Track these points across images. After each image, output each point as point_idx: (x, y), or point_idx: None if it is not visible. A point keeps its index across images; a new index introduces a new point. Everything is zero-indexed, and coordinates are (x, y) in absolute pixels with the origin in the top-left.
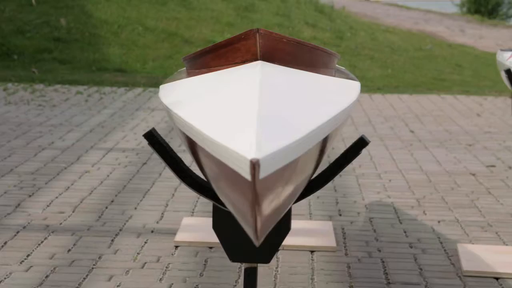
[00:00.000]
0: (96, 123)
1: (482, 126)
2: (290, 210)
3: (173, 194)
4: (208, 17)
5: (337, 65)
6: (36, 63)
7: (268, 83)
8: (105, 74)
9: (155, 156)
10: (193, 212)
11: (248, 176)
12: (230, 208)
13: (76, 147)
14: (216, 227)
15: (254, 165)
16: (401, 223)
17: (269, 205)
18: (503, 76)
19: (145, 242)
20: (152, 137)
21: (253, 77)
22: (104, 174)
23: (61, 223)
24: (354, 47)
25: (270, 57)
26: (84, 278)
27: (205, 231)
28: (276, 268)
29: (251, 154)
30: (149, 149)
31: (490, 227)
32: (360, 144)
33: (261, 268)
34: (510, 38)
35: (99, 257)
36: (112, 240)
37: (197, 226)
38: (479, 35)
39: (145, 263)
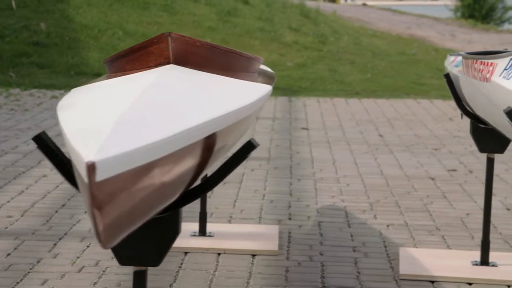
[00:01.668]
0: None
1: (452, 131)
2: (177, 213)
3: None
4: (189, 22)
5: (266, 69)
6: (14, 67)
7: (159, 86)
8: (83, 79)
9: None
10: None
11: (86, 179)
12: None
13: (39, 151)
14: None
15: (89, 168)
16: (349, 227)
17: (114, 210)
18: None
19: (87, 246)
20: (41, 140)
21: (146, 81)
22: (61, 179)
23: (6, 227)
24: (336, 52)
25: (182, 60)
26: (18, 282)
27: None
28: (214, 271)
29: (89, 156)
30: None
31: (437, 231)
32: (248, 147)
33: (198, 271)
34: (499, 43)
35: (38, 261)
36: (55, 244)
37: None
38: (468, 40)
39: (83, 267)
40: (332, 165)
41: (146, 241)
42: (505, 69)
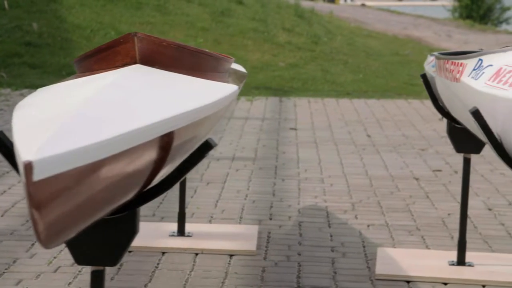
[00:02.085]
0: None
1: (440, 131)
2: (134, 213)
3: None
4: (182, 22)
5: (239, 68)
6: (6, 67)
7: (118, 86)
8: None
9: None
10: None
11: (24, 178)
12: None
13: None
14: None
15: (26, 167)
16: (329, 227)
17: (55, 209)
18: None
19: (65, 246)
20: None
21: (106, 80)
22: None
23: None
24: (329, 52)
25: (149, 60)
26: None
27: None
28: (190, 272)
29: (27, 156)
30: None
31: (417, 231)
32: (205, 147)
33: (174, 271)
34: (495, 43)
35: (14, 261)
36: (32, 245)
37: None
38: (464, 40)
39: (59, 267)
40: (318, 165)
41: (102, 241)
42: (473, 70)
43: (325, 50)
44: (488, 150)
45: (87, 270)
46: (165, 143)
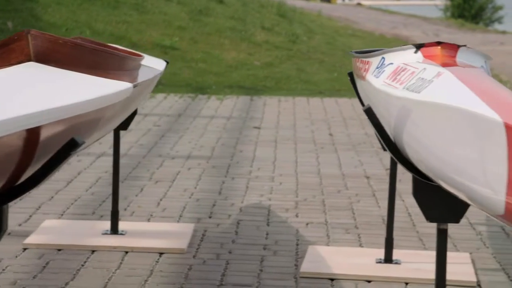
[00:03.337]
0: None
1: None
2: (0, 210)
3: (52, 197)
4: (160, 21)
5: (156, 67)
6: None
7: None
8: None
9: None
10: (62, 214)
11: None
12: None
13: None
14: None
15: None
16: (268, 225)
17: None
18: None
19: None
20: None
21: None
22: None
23: None
24: (306, 51)
25: (44, 58)
26: None
27: (60, 233)
28: (116, 270)
29: None
30: None
31: (355, 229)
32: (70, 145)
33: (99, 270)
34: (481, 42)
35: None
36: None
37: (54, 229)
38: (452, 40)
39: None
40: (272, 163)
41: None
42: (377, 68)
43: (302, 49)
44: None
45: (11, 268)
46: (29, 139)
